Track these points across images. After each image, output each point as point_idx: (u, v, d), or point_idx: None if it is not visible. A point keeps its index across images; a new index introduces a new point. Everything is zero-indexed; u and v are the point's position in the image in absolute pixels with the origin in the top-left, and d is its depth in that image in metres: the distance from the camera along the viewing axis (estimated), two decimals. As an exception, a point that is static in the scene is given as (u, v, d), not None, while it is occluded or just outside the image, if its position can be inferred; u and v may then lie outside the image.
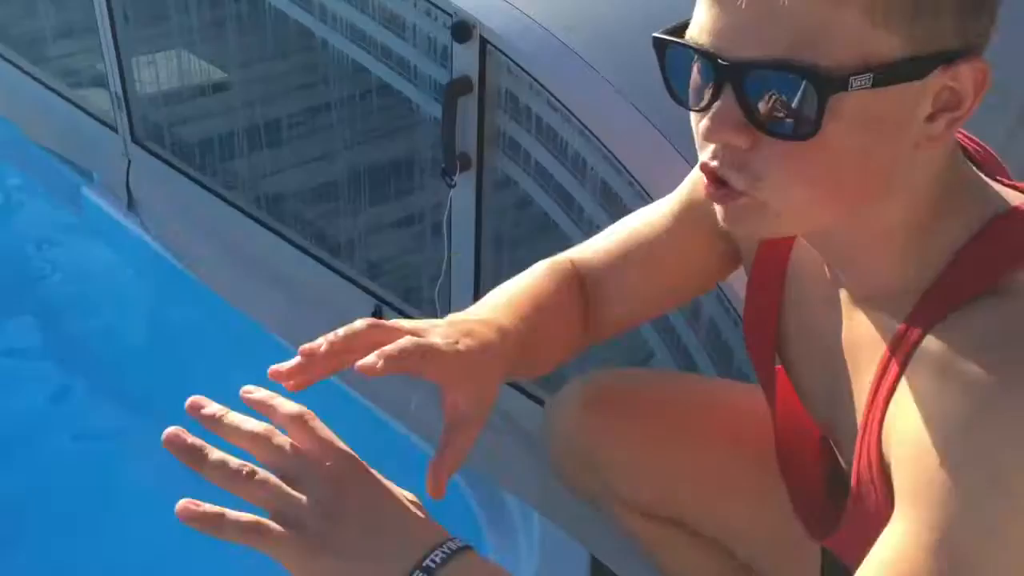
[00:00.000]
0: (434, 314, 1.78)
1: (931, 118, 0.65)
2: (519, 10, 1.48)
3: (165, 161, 2.27)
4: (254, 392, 0.72)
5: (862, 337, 0.76)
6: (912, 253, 0.70)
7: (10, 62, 2.64)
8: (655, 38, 0.68)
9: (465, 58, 1.50)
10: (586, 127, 1.42)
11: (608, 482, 1.16)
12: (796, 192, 0.66)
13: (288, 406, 0.70)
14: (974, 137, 0.78)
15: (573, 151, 1.47)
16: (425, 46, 1.59)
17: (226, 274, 2.16)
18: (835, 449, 0.98)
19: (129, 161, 2.33)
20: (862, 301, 0.76)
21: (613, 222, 1.48)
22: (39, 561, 1.61)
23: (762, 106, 0.62)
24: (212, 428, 0.69)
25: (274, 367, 0.77)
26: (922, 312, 0.69)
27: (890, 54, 0.61)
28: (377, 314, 1.88)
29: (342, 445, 0.68)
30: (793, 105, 0.61)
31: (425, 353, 0.76)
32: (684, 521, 1.16)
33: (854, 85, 0.60)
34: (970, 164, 0.73)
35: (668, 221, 0.99)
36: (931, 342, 0.67)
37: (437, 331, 0.80)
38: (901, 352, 0.69)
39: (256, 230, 2.12)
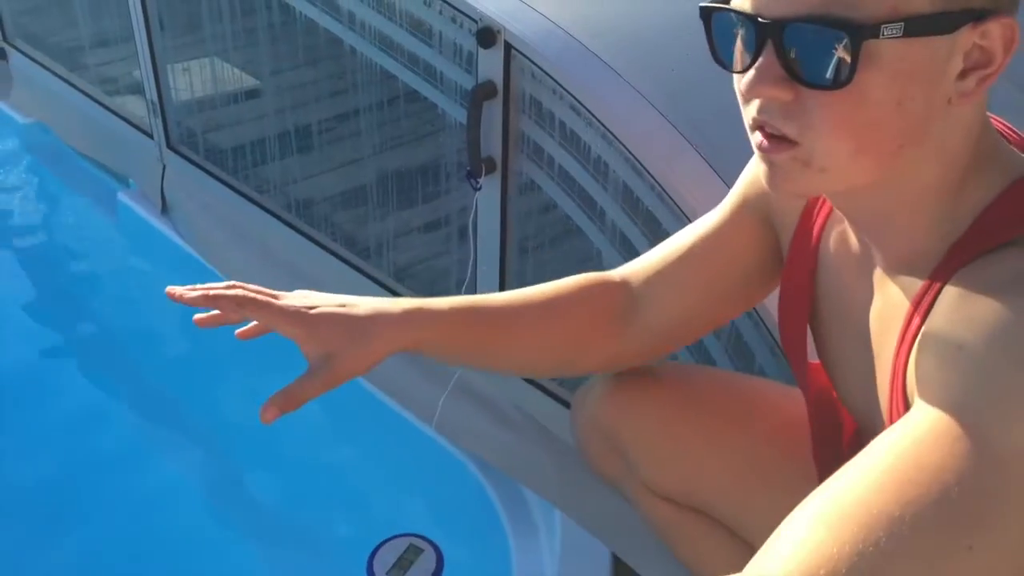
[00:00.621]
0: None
1: (962, 75, 0.68)
2: (543, 15, 1.50)
3: (199, 166, 2.32)
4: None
5: (893, 309, 0.78)
6: (942, 213, 0.73)
7: (49, 70, 2.71)
8: (701, 7, 0.73)
9: (490, 63, 1.53)
10: (608, 131, 1.43)
11: (633, 465, 1.16)
12: (839, 142, 0.69)
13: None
14: (1008, 123, 0.81)
15: (595, 155, 1.48)
16: (451, 52, 1.61)
17: (257, 278, 2.19)
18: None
19: (164, 166, 2.38)
20: (893, 271, 0.78)
21: (635, 225, 1.51)
22: (83, 551, 1.65)
23: (800, 59, 0.66)
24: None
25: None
26: (945, 266, 0.71)
27: (921, 7, 0.65)
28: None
29: None
30: (829, 55, 0.65)
31: (263, 306, 0.98)
32: (707, 511, 1.16)
33: (885, 33, 0.64)
34: (1001, 138, 0.76)
35: (717, 222, 1.01)
36: (952, 287, 0.69)
37: (312, 299, 1.00)
38: (923, 304, 0.72)
39: (287, 234, 2.15)
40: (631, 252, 1.52)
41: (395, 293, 1.95)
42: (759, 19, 0.67)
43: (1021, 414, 0.61)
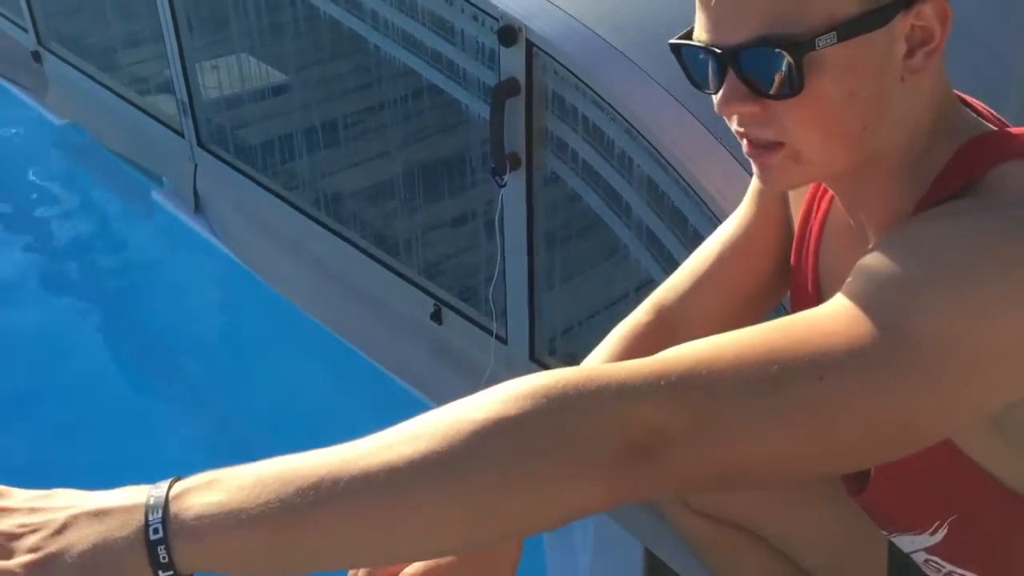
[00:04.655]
0: (490, 314, 1.80)
1: (909, 54, 0.74)
2: (564, 11, 1.49)
3: (230, 164, 2.34)
4: None
5: None
6: (909, 175, 0.78)
7: (82, 71, 2.75)
8: (671, 44, 0.80)
9: (512, 60, 1.52)
10: (632, 125, 1.43)
11: None
12: (812, 137, 0.76)
13: None
14: (984, 105, 0.84)
15: (620, 150, 1.48)
16: (473, 50, 1.61)
17: (288, 273, 2.22)
18: None
19: (196, 165, 2.41)
20: (879, 234, 0.82)
21: (660, 220, 1.50)
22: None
23: (759, 78, 0.74)
24: None
25: None
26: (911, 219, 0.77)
27: (850, 11, 0.72)
28: (436, 315, 1.92)
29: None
30: (779, 71, 0.73)
31: None
32: (748, 526, 1.14)
33: (820, 44, 0.72)
34: (963, 105, 0.81)
35: (741, 220, 1.02)
36: (893, 228, 0.75)
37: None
38: None
39: (317, 231, 2.17)
40: (657, 246, 1.52)
41: (426, 291, 1.95)
42: (716, 49, 0.75)
43: (927, 303, 0.64)
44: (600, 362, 1.01)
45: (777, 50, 0.71)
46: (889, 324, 0.64)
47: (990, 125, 0.80)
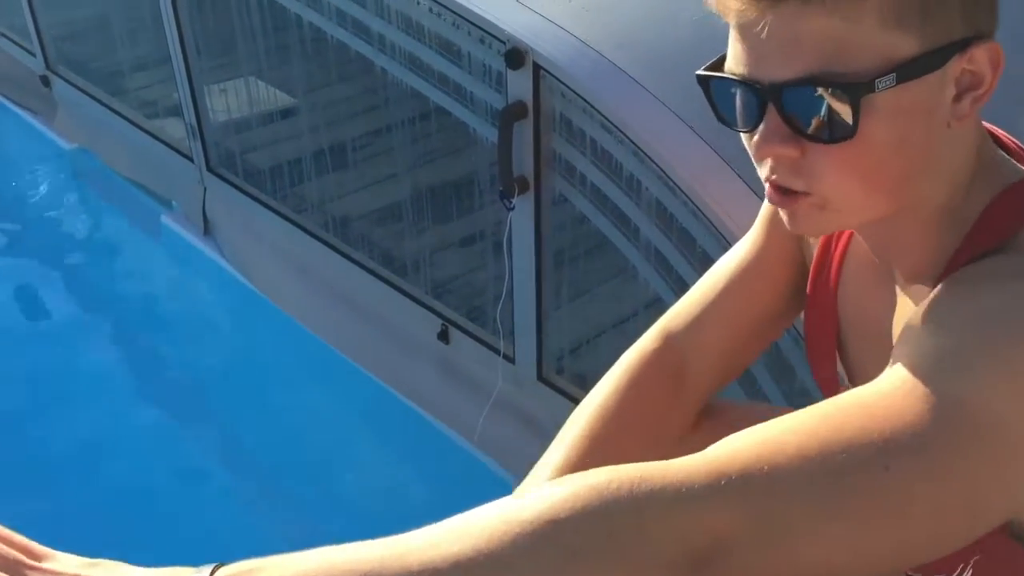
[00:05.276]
0: (497, 334, 1.81)
1: (957, 99, 0.70)
2: (571, 34, 1.50)
3: (238, 188, 2.36)
4: None
5: (908, 314, 0.78)
6: (947, 225, 0.75)
7: (91, 95, 2.77)
8: (698, 75, 0.74)
9: (519, 83, 1.53)
10: (639, 148, 1.43)
11: None
12: (851, 187, 0.71)
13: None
14: (1006, 133, 0.82)
15: (628, 172, 1.48)
16: (480, 72, 1.62)
17: (297, 295, 2.23)
18: None
19: (205, 189, 2.42)
20: (909, 282, 0.80)
21: (669, 241, 1.50)
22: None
23: (803, 119, 0.68)
24: None
25: None
26: (946, 274, 0.74)
27: (908, 52, 0.67)
28: (444, 335, 1.92)
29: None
30: (830, 114, 0.67)
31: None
32: None
33: (880, 87, 0.66)
34: (998, 148, 0.79)
35: (751, 247, 1.00)
36: (936, 289, 0.72)
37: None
38: None
39: (325, 253, 2.18)
40: (665, 266, 1.52)
41: (433, 311, 1.96)
42: (757, 84, 0.69)
43: (985, 379, 0.62)
44: (610, 392, 0.98)
45: (831, 89, 0.66)
46: (947, 405, 0.62)
47: (1019, 165, 0.77)
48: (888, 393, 0.64)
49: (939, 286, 0.72)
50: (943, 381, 0.63)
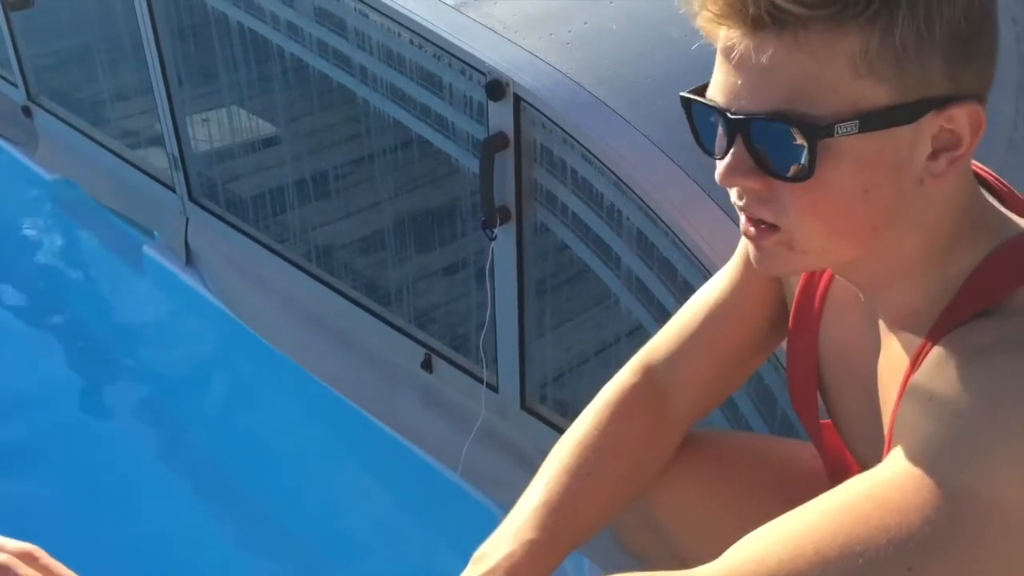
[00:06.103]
0: (480, 363, 1.81)
1: (932, 156, 0.69)
2: (551, 65, 1.52)
3: (220, 218, 2.35)
4: None
5: (895, 364, 0.79)
6: (932, 278, 0.74)
7: (72, 126, 2.76)
8: (682, 97, 0.75)
9: (500, 115, 1.55)
10: (620, 178, 1.44)
11: (668, 538, 1.11)
12: (812, 228, 0.71)
13: (12, 545, 0.70)
14: (993, 173, 0.81)
15: (608, 202, 1.49)
16: (461, 104, 1.63)
17: (280, 325, 2.22)
18: None
19: (187, 219, 2.42)
20: (895, 326, 0.79)
21: (650, 270, 1.51)
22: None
23: (769, 153, 0.69)
24: None
25: None
26: (938, 328, 0.73)
27: (877, 101, 0.66)
28: (427, 364, 1.92)
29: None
30: (791, 151, 0.67)
31: None
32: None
33: (840, 131, 0.66)
34: (987, 196, 0.77)
35: (728, 282, 1.00)
36: (938, 348, 0.71)
37: None
38: (918, 365, 0.73)
39: (308, 283, 2.18)
40: (646, 295, 1.53)
41: (416, 340, 1.96)
42: (728, 114, 0.69)
43: (996, 466, 0.63)
44: (591, 427, 0.98)
45: (792, 128, 0.66)
46: (962, 498, 0.63)
47: (1013, 216, 0.76)
48: (900, 485, 0.64)
49: (937, 350, 0.71)
50: (956, 471, 0.63)
